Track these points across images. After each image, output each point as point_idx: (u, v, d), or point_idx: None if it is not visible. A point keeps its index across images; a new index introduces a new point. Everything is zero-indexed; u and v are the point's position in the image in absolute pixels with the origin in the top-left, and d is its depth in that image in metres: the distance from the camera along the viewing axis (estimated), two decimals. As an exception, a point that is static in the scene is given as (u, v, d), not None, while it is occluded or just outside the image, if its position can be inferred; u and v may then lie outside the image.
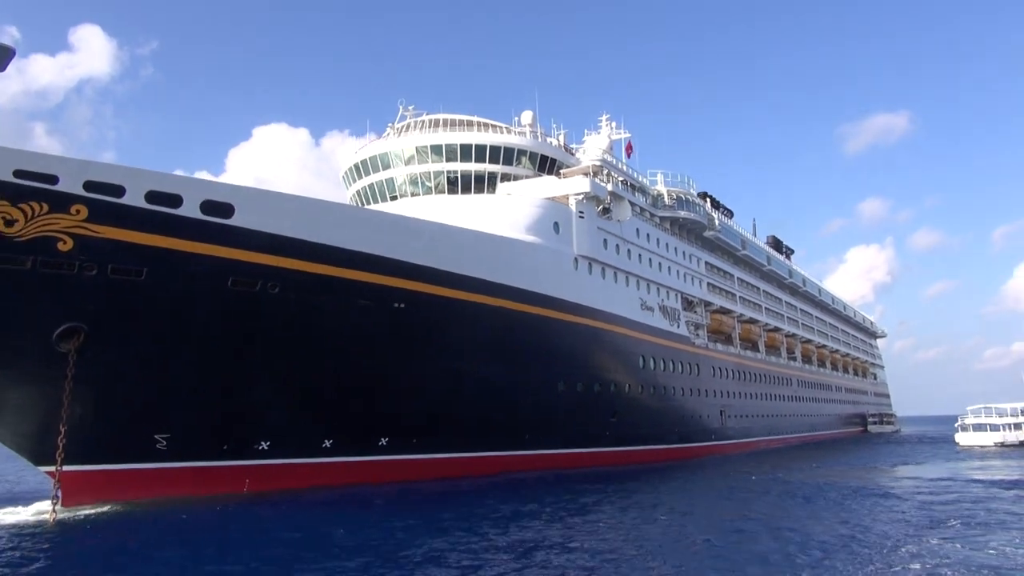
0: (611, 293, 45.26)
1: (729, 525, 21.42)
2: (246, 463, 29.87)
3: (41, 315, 24.13)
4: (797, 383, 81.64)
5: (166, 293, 25.82)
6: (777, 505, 26.60)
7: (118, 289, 24.93)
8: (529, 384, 37.99)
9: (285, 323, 28.81)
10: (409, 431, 33.47)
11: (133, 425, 26.98)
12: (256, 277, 27.51)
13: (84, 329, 24.72)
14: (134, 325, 25.72)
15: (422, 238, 32.87)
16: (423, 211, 38.55)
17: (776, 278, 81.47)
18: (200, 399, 27.86)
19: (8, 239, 22.72)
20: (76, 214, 23.44)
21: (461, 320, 34.34)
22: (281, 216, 27.83)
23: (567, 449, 41.33)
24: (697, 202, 59.90)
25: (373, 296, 30.80)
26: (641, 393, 47.14)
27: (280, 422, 30.14)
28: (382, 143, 44.54)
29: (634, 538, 19.55)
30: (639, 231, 49.84)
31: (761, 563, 15.96)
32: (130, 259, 24.80)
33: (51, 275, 23.69)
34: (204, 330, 27.21)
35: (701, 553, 17.33)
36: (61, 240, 23.48)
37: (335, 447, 31.72)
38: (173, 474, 28.25)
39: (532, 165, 44.34)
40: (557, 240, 41.09)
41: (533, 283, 37.98)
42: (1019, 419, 68.26)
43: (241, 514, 24.58)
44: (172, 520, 22.99)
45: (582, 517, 23.41)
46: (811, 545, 17.79)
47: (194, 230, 25.71)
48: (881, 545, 17.71)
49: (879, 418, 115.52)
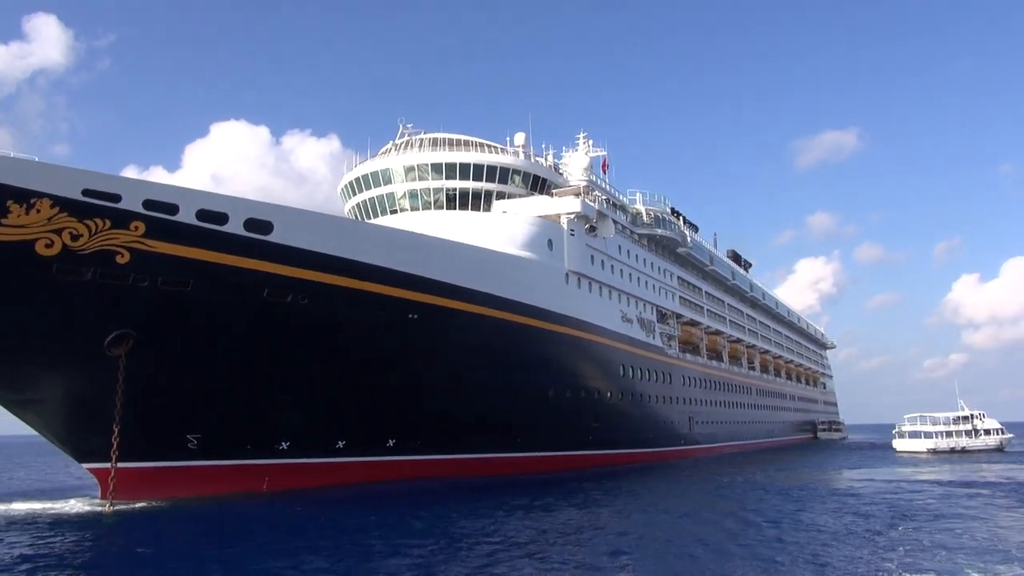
0: (597, 306, 48.31)
1: (736, 522, 24.40)
2: (267, 462, 31.89)
3: (95, 322, 25.95)
4: (756, 392, 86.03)
5: (207, 303, 27.79)
6: (762, 499, 29.92)
7: (165, 299, 26.87)
8: (523, 390, 40.60)
9: (310, 331, 30.89)
10: (414, 433, 35.77)
11: (169, 426, 28.86)
12: (288, 289, 29.64)
13: (133, 336, 26.60)
14: (176, 333, 27.66)
15: (434, 254, 35.33)
16: (423, 226, 40.86)
17: (739, 292, 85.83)
18: (229, 402, 29.82)
19: (73, 252, 24.55)
20: (135, 230, 25.37)
21: (465, 330, 36.79)
22: (313, 233, 30.06)
23: (555, 452, 44.14)
24: (672, 220, 63.55)
25: (390, 307, 33.10)
26: (620, 400, 50.25)
27: (299, 423, 32.22)
28: (382, 160, 46.77)
29: (638, 524, 22.49)
30: (621, 247, 53.08)
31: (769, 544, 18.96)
32: (179, 272, 26.76)
33: (108, 285, 25.54)
34: (237, 337, 29.21)
35: (720, 542, 20.24)
36: (119, 253, 25.37)
37: (348, 447, 33.89)
38: (202, 472, 30.19)
39: (524, 184, 47.12)
40: (550, 256, 43.97)
41: (529, 296, 40.72)
42: (950, 427, 72.96)
43: (289, 508, 26.67)
44: (205, 513, 24.96)
45: (585, 509, 26.51)
46: (805, 529, 20.93)
47: (237, 245, 27.78)
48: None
49: (828, 425, 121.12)
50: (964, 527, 22.16)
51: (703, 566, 16.56)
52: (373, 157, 48.07)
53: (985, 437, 72.66)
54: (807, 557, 17.47)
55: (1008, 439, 75.24)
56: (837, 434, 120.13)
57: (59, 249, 24.28)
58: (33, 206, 23.54)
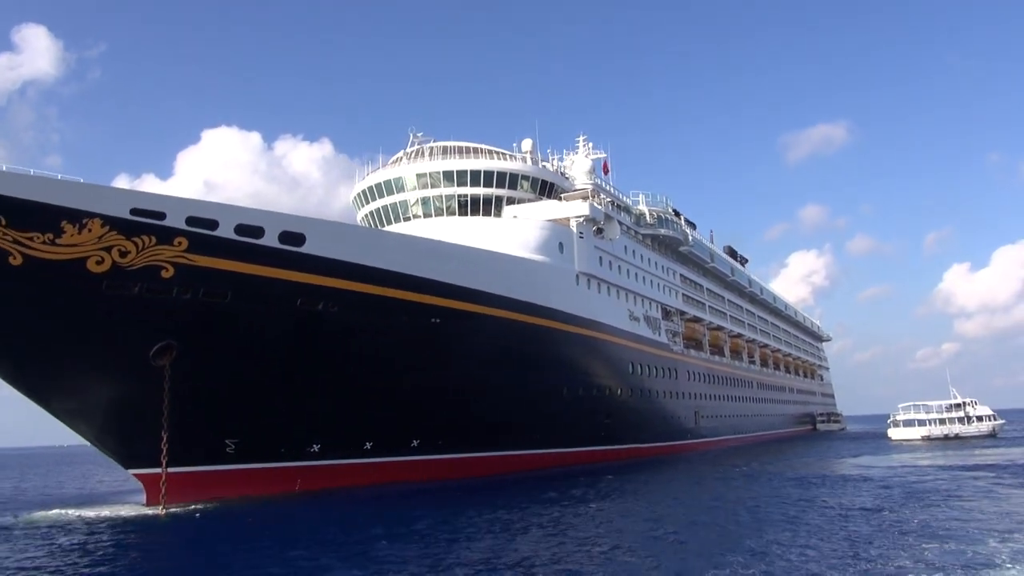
0: (606, 306, 49.78)
1: (763, 506, 25.90)
2: (299, 464, 33.20)
3: (141, 334, 27.20)
4: (756, 385, 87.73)
5: (245, 313, 29.08)
6: (782, 486, 31.46)
7: (206, 311, 28.14)
8: (539, 389, 41.99)
9: (339, 337, 32.19)
10: (437, 433, 37.11)
11: (209, 432, 30.12)
12: (319, 297, 30.95)
13: (176, 346, 27.87)
14: (216, 342, 28.93)
15: (453, 260, 36.67)
16: (436, 232, 42.07)
17: (738, 288, 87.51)
18: (265, 407, 31.10)
19: (121, 268, 25.81)
20: (178, 245, 26.65)
21: (483, 332, 38.13)
22: (343, 243, 31.40)
23: (570, 448, 45.59)
24: (674, 220, 65.10)
25: (414, 312, 34.43)
26: (630, 396, 51.70)
27: (329, 426, 33.51)
28: (395, 168, 48.07)
29: (656, 512, 24.00)
30: (627, 248, 54.58)
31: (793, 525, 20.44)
32: (218, 284, 28.04)
33: (153, 299, 26.81)
34: (272, 345, 30.51)
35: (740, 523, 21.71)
36: (164, 268, 26.64)
37: (375, 448, 35.21)
38: (239, 475, 31.46)
39: (532, 189, 48.50)
40: (561, 259, 45.40)
41: (543, 298, 42.13)
42: (943, 415, 74.77)
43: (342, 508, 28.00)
44: (259, 513, 26.25)
45: (610, 500, 27.96)
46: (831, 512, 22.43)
47: (272, 257, 29.08)
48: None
49: (827, 417, 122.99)
50: (976, 505, 23.79)
51: (745, 541, 18.03)
52: (385, 166, 49.37)
53: (978, 424, 74.34)
54: (839, 532, 19.06)
55: (1000, 425, 77.07)
56: (836, 425, 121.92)
57: (109, 266, 25.54)
58: (85, 225, 24.79)
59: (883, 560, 15.57)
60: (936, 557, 15.72)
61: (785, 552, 16.66)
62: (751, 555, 16.25)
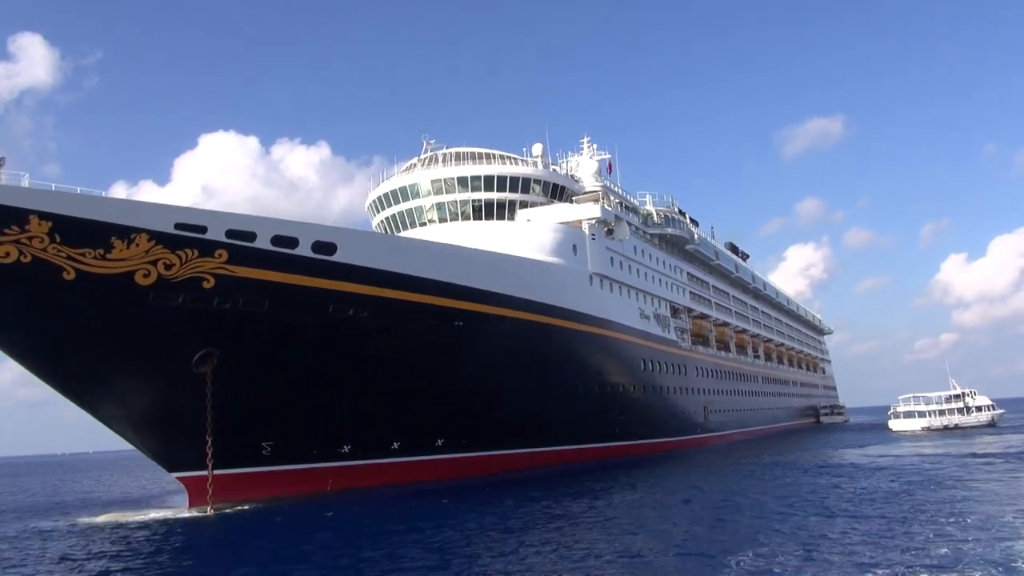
0: (618, 305, 51.01)
1: (788, 494, 27.17)
2: (330, 465, 34.37)
3: (184, 342, 28.38)
4: (762, 380, 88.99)
5: (280, 321, 30.24)
6: (801, 476, 32.79)
7: (244, 319, 29.30)
8: (556, 388, 43.19)
9: (368, 341, 33.35)
10: (461, 432, 38.32)
11: (246, 435, 31.28)
12: (350, 304, 32.11)
13: (216, 354, 29.03)
14: (253, 349, 30.08)
15: (475, 265, 37.85)
16: (451, 236, 43.32)
17: (742, 284, 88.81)
18: (298, 411, 32.28)
19: (167, 280, 26.99)
20: (219, 257, 27.82)
21: (503, 333, 39.27)
22: (371, 251, 32.58)
23: (586, 444, 46.81)
24: (680, 219, 66.36)
25: (439, 316, 35.60)
26: (642, 393, 52.92)
27: (359, 428, 34.67)
28: (409, 175, 49.22)
29: (687, 500, 25.25)
30: (636, 248, 55.83)
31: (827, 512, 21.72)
32: (256, 293, 29.20)
33: (195, 309, 27.99)
34: (306, 350, 31.65)
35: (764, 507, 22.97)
36: (206, 279, 27.81)
37: (402, 448, 36.41)
38: (274, 476, 32.66)
39: (544, 192, 49.70)
40: (575, 260, 46.63)
41: (559, 299, 43.32)
42: (943, 406, 76.00)
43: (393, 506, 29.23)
44: (305, 512, 27.46)
45: (640, 491, 29.26)
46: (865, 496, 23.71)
47: (306, 266, 30.23)
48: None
49: (830, 409, 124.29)
50: (989, 488, 25.21)
51: (776, 523, 19.32)
52: (399, 173, 50.55)
53: (977, 414, 75.58)
54: (866, 512, 20.45)
55: (1000, 415, 78.29)
56: (839, 417, 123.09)
57: (155, 278, 26.71)
58: (133, 240, 25.95)
59: (916, 536, 16.90)
60: (958, 531, 17.01)
61: (821, 530, 18.00)
62: (785, 536, 17.52)
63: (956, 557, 14.56)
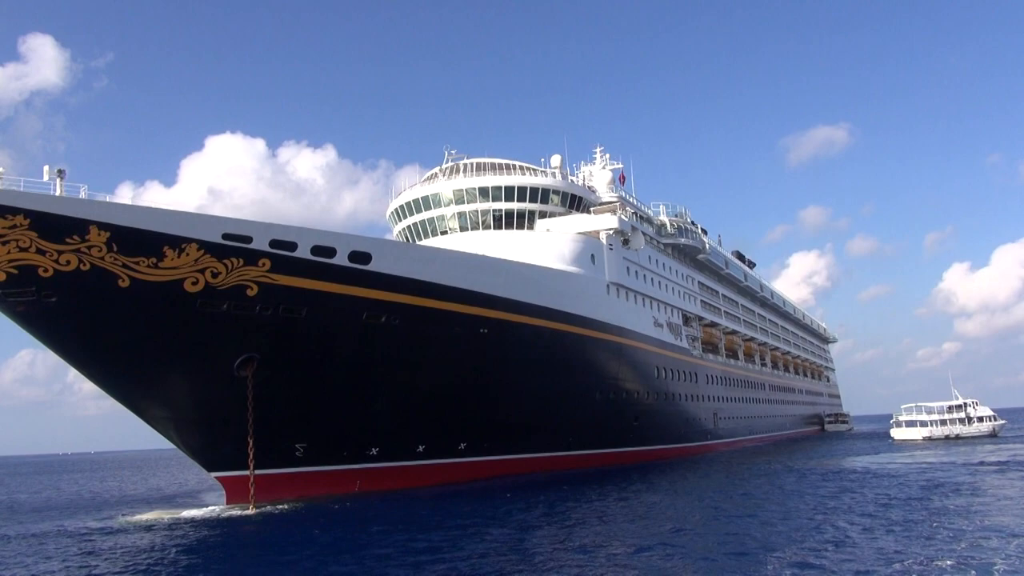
0: (633, 313, 52.18)
1: (809, 497, 28.33)
2: (360, 467, 35.54)
3: (227, 347, 29.58)
4: (769, 387, 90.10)
5: (317, 327, 31.44)
6: (820, 481, 33.97)
7: (283, 325, 30.51)
8: (575, 394, 44.37)
9: (398, 348, 34.53)
10: (482, 436, 39.48)
11: (281, 436, 32.46)
12: (382, 311, 33.30)
13: (257, 358, 30.24)
14: (291, 354, 31.28)
15: (499, 274, 39.02)
16: (472, 245, 44.26)
17: (750, 292, 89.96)
18: (331, 414, 33.46)
19: (213, 288, 28.22)
20: (262, 266, 29.04)
21: (525, 340, 40.44)
22: (404, 261, 33.80)
23: (603, 449, 47.98)
24: (692, 229, 67.58)
25: (465, 324, 36.78)
26: (656, 400, 54.07)
27: (387, 431, 35.82)
28: (431, 185, 50.41)
29: (711, 502, 26.42)
30: (650, 258, 57.04)
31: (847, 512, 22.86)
32: (295, 300, 30.41)
33: (239, 315, 29.19)
34: (340, 356, 32.86)
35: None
36: (249, 287, 29.03)
37: (427, 451, 37.57)
38: (306, 477, 33.85)
39: (562, 203, 50.90)
40: (593, 269, 47.82)
41: (578, 307, 44.49)
42: (945, 416, 76.72)
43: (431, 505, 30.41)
44: (336, 511, 28.62)
45: (663, 493, 30.37)
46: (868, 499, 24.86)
47: (342, 275, 31.45)
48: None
49: (835, 417, 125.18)
50: (1003, 493, 26.42)
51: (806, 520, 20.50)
52: (421, 182, 51.77)
53: (978, 424, 76.30)
54: (894, 515, 21.69)
55: (1001, 425, 79.04)
56: (844, 426, 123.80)
57: (202, 286, 27.94)
58: (183, 250, 27.19)
59: (938, 533, 18.12)
60: (977, 529, 18.20)
61: (847, 528, 19.17)
62: (816, 532, 18.69)
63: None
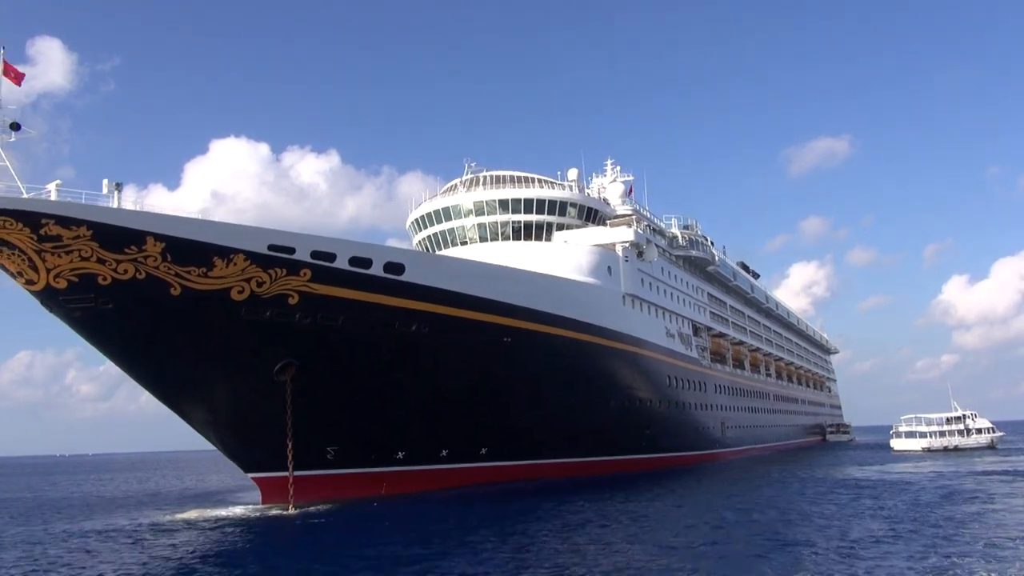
0: (647, 324, 53.53)
1: (825, 502, 29.61)
2: (386, 469, 36.79)
3: (268, 353, 30.87)
4: (773, 397, 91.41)
5: (352, 335, 32.72)
6: (834, 488, 35.29)
7: (321, 333, 31.80)
8: (591, 401, 45.63)
9: (425, 355, 35.79)
10: (503, 442, 40.74)
11: (314, 439, 33.68)
12: (414, 320, 34.60)
13: (295, 364, 31.52)
14: (327, 361, 32.56)
15: (523, 285, 40.35)
16: (491, 256, 45.61)
17: (756, 304, 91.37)
18: (362, 418, 34.70)
19: (258, 297, 29.55)
20: (303, 276, 30.37)
21: (546, 350, 41.71)
22: (434, 272, 35.16)
23: (616, 456, 49.21)
24: (702, 241, 69.04)
25: (490, 332, 38.04)
26: (667, 408, 55.32)
27: (413, 435, 37.07)
28: (452, 196, 51.78)
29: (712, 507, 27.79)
30: (663, 269, 58.43)
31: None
32: (333, 309, 31.72)
33: (280, 323, 30.50)
34: (371, 362, 34.11)
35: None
36: (291, 296, 30.36)
37: (450, 456, 38.84)
38: (335, 479, 35.09)
39: (579, 216, 52.28)
40: (610, 280, 49.19)
41: (595, 317, 45.80)
42: (944, 427, 78.22)
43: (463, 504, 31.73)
44: (374, 512, 29.91)
45: (683, 497, 31.68)
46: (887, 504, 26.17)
47: (377, 285, 32.78)
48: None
49: (836, 428, 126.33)
50: (1015, 501, 27.83)
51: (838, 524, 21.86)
52: (441, 194, 53.17)
53: (977, 436, 77.82)
54: (923, 517, 23.22)
55: (999, 437, 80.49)
56: (845, 436, 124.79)
57: (248, 294, 29.27)
58: (231, 260, 28.53)
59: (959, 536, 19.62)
60: (992, 532, 19.65)
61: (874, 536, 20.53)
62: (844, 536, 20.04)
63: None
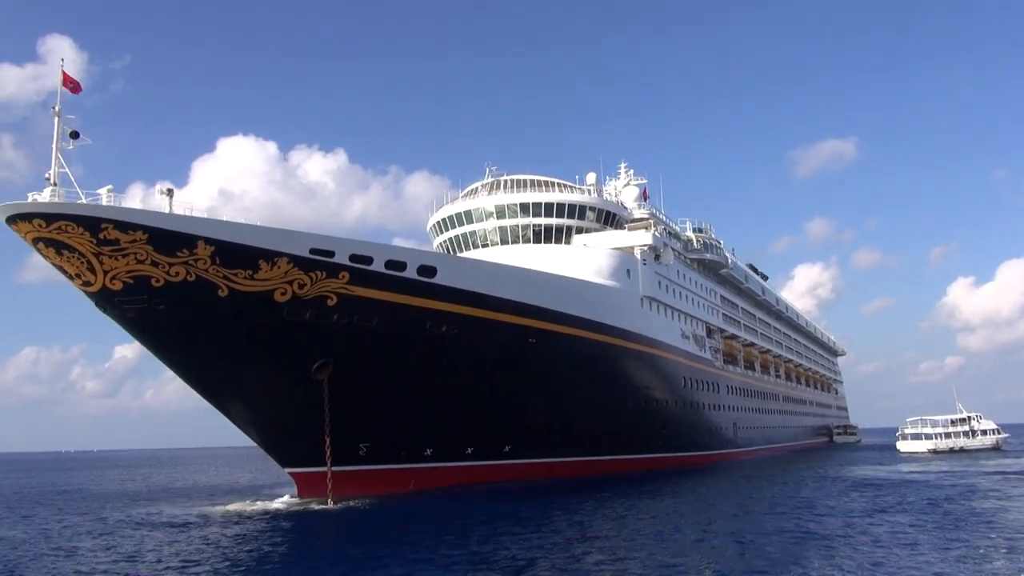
0: (663, 325, 54.62)
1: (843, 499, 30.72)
2: (414, 466, 37.94)
3: (307, 353, 32.03)
4: (783, 398, 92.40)
5: (385, 335, 33.85)
6: (853, 487, 36.32)
7: (358, 333, 32.95)
8: (609, 401, 46.71)
9: (454, 355, 36.90)
10: (525, 440, 41.85)
11: (348, 436, 34.84)
12: (443, 321, 35.72)
13: (332, 363, 32.68)
14: (362, 360, 33.70)
15: (547, 288, 41.44)
16: (512, 258, 46.49)
17: (766, 306, 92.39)
18: (393, 416, 35.84)
19: (299, 298, 30.72)
20: (342, 278, 31.53)
21: (566, 350, 42.78)
22: (465, 275, 36.28)
23: (634, 455, 50.30)
24: (716, 244, 70.11)
25: (516, 333, 39.16)
26: (682, 408, 56.37)
27: (441, 433, 38.20)
28: (473, 200, 52.91)
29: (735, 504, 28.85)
30: (679, 272, 59.53)
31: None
32: (368, 310, 32.85)
33: (319, 323, 31.66)
34: (403, 362, 35.24)
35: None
36: (330, 298, 31.52)
37: (475, 453, 39.97)
38: (366, 475, 36.22)
39: (597, 219, 53.37)
40: (629, 283, 50.29)
41: (615, 319, 46.90)
42: (949, 429, 79.29)
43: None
44: (407, 506, 31.07)
45: (707, 495, 32.73)
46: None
47: (411, 287, 33.91)
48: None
49: (843, 429, 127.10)
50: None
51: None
52: (462, 197, 54.31)
53: (982, 437, 78.96)
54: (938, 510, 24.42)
55: (1004, 438, 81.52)
56: (852, 437, 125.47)
57: (290, 296, 30.44)
58: (275, 263, 29.70)
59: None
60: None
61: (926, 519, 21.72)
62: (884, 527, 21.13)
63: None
